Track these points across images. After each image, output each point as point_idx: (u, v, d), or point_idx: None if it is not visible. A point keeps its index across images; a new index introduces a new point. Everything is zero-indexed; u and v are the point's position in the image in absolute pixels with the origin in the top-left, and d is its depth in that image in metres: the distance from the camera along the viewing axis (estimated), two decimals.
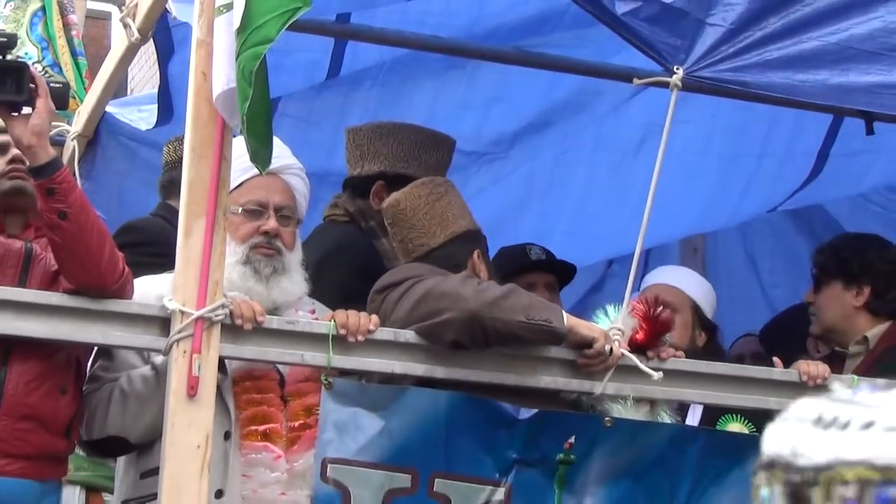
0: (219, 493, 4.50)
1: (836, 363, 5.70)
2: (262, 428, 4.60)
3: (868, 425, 1.63)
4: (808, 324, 6.20)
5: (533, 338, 4.72)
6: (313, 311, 4.83)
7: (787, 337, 6.46)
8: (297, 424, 4.64)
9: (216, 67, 4.26)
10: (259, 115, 4.15)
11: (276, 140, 4.78)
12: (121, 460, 4.89)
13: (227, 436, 4.56)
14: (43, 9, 6.47)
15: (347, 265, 5.26)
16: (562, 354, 4.79)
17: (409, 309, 4.70)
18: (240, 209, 4.74)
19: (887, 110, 5.12)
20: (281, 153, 4.85)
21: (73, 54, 6.55)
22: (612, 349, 4.75)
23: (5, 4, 6.44)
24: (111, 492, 5.40)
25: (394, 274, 4.90)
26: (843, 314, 5.88)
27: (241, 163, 4.40)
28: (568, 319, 4.75)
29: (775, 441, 1.69)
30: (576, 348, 4.76)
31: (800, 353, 6.06)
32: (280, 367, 4.72)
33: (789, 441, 1.67)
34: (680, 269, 6.17)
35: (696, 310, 5.80)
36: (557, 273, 5.88)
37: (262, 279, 4.72)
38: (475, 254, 5.00)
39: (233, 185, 4.57)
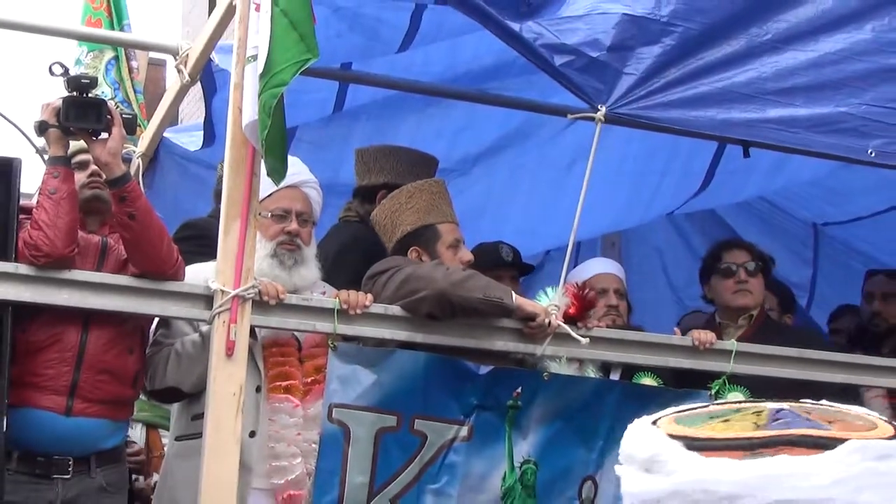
0: (252, 434, 4.50)
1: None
2: (284, 383, 4.60)
3: None
4: None
5: (489, 311, 4.72)
6: (324, 292, 4.82)
7: None
8: (310, 380, 4.65)
9: (245, 104, 4.25)
10: (275, 141, 4.12)
11: (297, 160, 4.80)
12: (175, 405, 4.88)
13: (258, 389, 4.56)
14: (115, 57, 6.46)
15: (360, 255, 5.25)
16: (511, 325, 4.79)
17: (394, 289, 4.70)
18: (269, 214, 4.73)
19: (760, 139, 5.13)
20: (301, 170, 4.85)
21: (135, 92, 6.54)
22: (550, 321, 4.76)
23: (86, 54, 6.43)
24: (167, 429, 5.39)
25: (381, 263, 4.90)
26: (763, 298, 5.83)
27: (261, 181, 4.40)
28: (516, 298, 4.76)
29: None
30: (522, 321, 4.77)
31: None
32: (297, 334, 4.71)
33: None
34: (615, 263, 6.08)
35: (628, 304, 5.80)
36: (520, 269, 5.85)
37: (285, 268, 4.71)
38: (410, 251, 4.99)
39: (264, 195, 4.56)
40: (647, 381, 5.14)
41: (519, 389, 4.71)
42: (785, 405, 1.70)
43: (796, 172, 6.41)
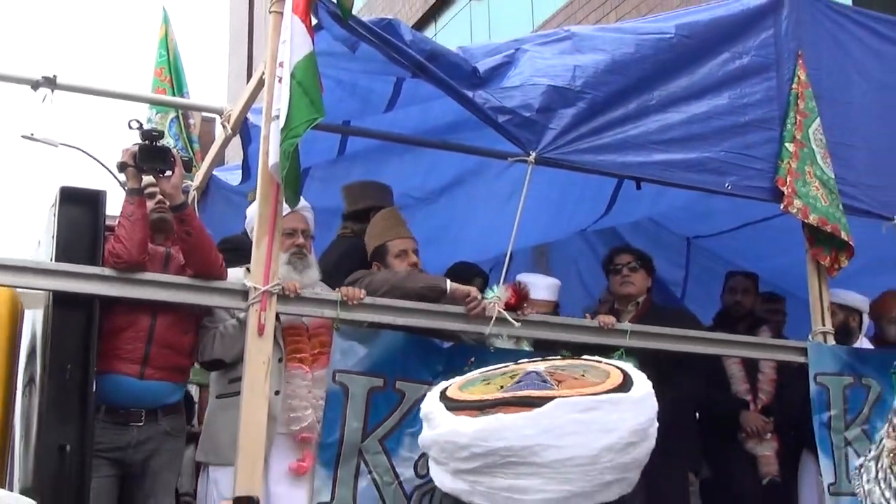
0: (277, 392, 4.50)
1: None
2: (298, 355, 4.60)
3: None
4: None
5: (429, 294, 4.76)
6: (321, 290, 4.82)
7: None
8: (315, 352, 4.64)
9: (271, 150, 4.26)
10: (292, 177, 4.16)
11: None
12: (215, 373, 4.85)
13: (280, 360, 4.56)
14: (176, 117, 6.47)
15: (355, 262, 5.24)
16: (464, 311, 4.79)
17: (369, 286, 4.73)
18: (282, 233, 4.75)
19: (648, 176, 5.18)
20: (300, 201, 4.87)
21: (191, 142, 6.54)
22: (482, 299, 4.76)
23: (155, 114, 6.45)
24: None
25: (355, 274, 4.92)
26: (645, 288, 5.89)
27: (283, 207, 4.43)
28: (450, 284, 4.79)
29: None
30: (460, 301, 4.77)
31: None
32: (305, 319, 4.70)
33: None
34: (555, 286, 5.90)
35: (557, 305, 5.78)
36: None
37: (297, 271, 4.71)
38: (374, 265, 5.05)
39: None
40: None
41: (472, 359, 4.70)
42: (542, 366, 1.73)
43: (673, 200, 6.45)
